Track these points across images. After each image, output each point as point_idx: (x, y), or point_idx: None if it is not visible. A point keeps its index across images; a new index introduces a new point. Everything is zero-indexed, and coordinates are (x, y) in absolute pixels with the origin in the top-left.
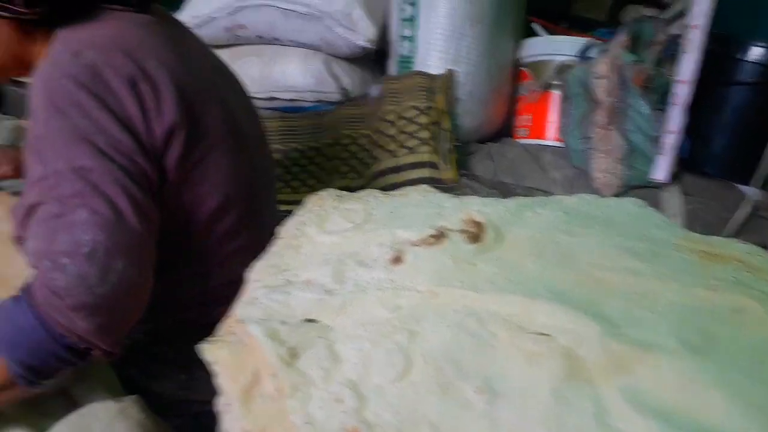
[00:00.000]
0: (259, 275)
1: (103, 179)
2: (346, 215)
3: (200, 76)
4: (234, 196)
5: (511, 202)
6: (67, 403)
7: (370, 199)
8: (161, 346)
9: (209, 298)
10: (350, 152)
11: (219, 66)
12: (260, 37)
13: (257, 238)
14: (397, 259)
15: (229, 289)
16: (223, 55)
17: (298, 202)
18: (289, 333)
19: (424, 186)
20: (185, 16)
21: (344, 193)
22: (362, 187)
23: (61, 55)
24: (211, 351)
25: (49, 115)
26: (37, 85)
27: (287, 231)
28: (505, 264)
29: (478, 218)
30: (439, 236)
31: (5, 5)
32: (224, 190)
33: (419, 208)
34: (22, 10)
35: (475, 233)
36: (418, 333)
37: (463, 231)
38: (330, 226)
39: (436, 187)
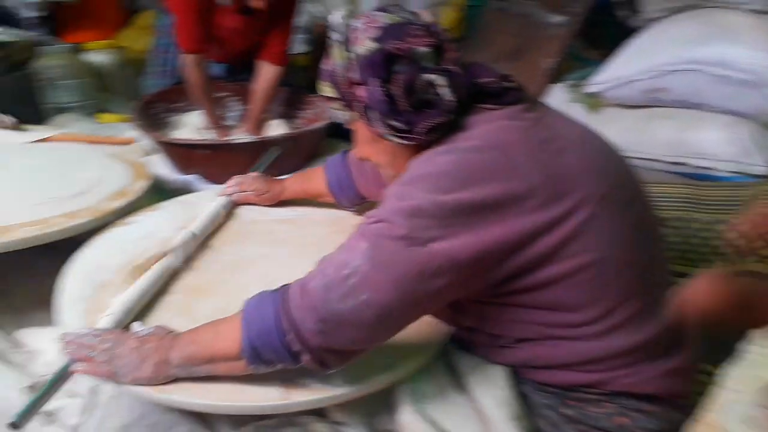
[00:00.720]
0: (737, 384)
1: (402, 235)
2: None
3: (569, 155)
4: (616, 265)
5: None
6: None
7: None
8: (565, 404)
9: (602, 366)
10: None
11: (586, 135)
12: (679, 100)
13: (648, 306)
14: None
15: (626, 357)
16: (631, 115)
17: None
18: None
19: None
20: (603, 77)
21: None
22: None
23: (442, 146)
24: None
25: (407, 178)
26: (415, 160)
27: (762, 338)
28: None
29: None
30: None
31: (412, 136)
32: (604, 259)
33: None
34: (424, 138)
35: None
36: None
37: None
38: None
39: None
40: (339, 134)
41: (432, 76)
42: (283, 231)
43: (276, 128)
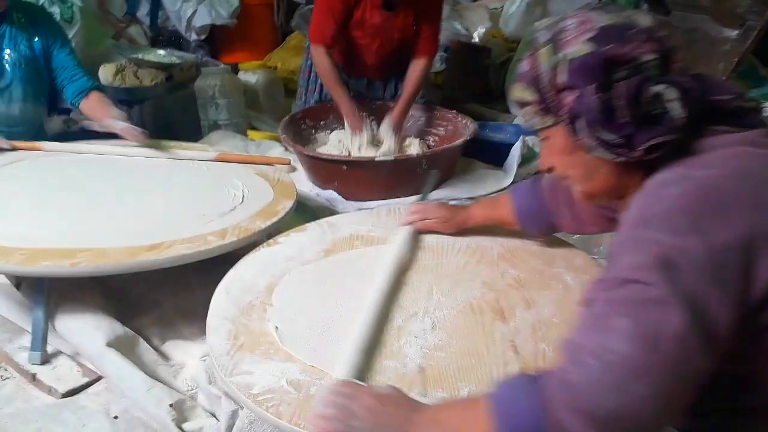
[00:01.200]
0: None
1: (661, 297)
2: None
3: None
4: None
5: None
6: None
7: None
8: None
9: None
10: None
11: None
12: None
13: None
14: None
15: None
16: None
17: None
18: None
19: None
20: None
21: None
22: None
23: (669, 174)
24: None
25: (638, 218)
26: (637, 196)
27: None
28: None
29: None
30: None
31: (628, 152)
32: None
33: None
34: (643, 156)
35: None
36: None
37: None
38: None
39: None
40: (472, 153)
41: (660, 88)
42: (425, 259)
43: (412, 147)
